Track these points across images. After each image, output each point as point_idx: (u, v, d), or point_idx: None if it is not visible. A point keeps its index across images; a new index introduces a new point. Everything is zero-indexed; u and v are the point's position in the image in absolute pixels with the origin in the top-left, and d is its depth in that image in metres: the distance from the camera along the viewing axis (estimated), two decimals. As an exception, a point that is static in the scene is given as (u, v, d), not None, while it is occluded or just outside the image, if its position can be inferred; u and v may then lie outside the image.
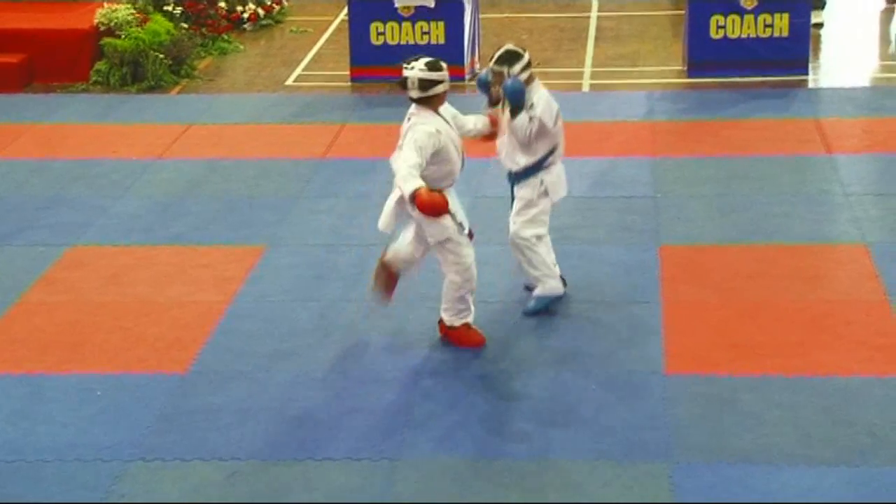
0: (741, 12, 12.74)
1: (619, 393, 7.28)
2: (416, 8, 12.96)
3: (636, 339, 7.87)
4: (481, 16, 13.85)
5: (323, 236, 9.53)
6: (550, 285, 8.22)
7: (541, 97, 7.96)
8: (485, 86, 8.05)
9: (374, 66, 12.99)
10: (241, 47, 14.58)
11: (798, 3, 12.72)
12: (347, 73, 13.21)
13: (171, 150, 11.40)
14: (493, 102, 8.07)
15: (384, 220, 7.75)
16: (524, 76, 7.89)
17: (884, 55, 13.76)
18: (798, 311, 8.15)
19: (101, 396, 7.42)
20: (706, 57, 12.82)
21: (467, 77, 12.99)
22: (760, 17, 12.73)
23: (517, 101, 7.85)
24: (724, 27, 12.78)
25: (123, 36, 13.30)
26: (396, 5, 12.98)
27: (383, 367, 7.65)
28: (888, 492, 6.35)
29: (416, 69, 7.48)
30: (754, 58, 12.76)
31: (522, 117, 7.87)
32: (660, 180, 10.32)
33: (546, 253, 8.20)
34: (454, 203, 7.67)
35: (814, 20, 13.38)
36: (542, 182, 8.09)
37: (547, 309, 8.22)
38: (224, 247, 9.40)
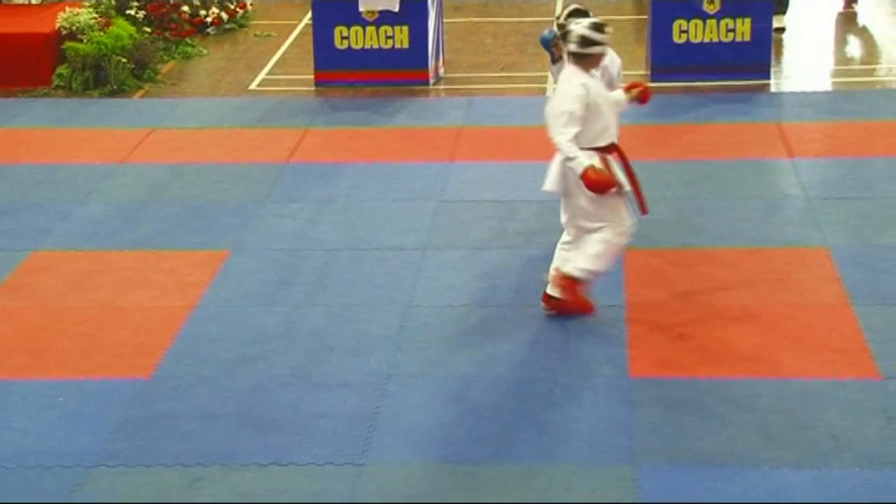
0: (704, 17, 12.80)
1: (583, 396, 7.30)
2: (380, 12, 12.95)
3: (600, 343, 7.88)
4: (445, 20, 13.86)
5: (287, 241, 9.51)
6: None
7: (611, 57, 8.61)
8: (547, 43, 8.71)
9: (338, 71, 12.98)
10: (205, 51, 14.53)
11: (760, 7, 12.80)
12: (311, 77, 13.19)
13: (133, 155, 11.35)
14: (556, 59, 8.73)
15: (551, 181, 7.91)
16: None
17: (844, 59, 13.85)
18: (760, 315, 8.19)
19: (63, 402, 7.37)
20: (669, 61, 12.87)
21: (431, 81, 13.01)
22: (723, 22, 12.79)
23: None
24: (686, 32, 12.83)
25: (86, 40, 13.22)
26: (360, 10, 12.97)
27: (348, 371, 7.64)
28: (850, 494, 6.38)
29: (581, 25, 7.75)
30: (717, 62, 12.81)
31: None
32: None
33: None
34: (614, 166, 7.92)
35: (776, 25, 13.47)
36: None
37: None
38: (187, 251, 9.37)
